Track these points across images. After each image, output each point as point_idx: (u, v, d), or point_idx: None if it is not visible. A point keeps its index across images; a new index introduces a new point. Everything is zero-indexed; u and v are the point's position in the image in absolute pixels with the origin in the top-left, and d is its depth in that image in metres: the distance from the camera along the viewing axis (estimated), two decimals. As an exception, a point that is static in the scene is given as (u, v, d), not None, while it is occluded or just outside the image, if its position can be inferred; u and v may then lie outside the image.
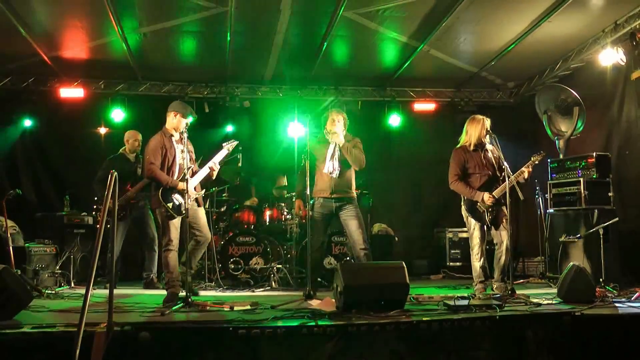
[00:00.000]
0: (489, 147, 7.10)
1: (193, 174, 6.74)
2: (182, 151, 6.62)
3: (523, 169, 6.96)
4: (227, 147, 6.99)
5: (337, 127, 7.10)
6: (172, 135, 6.75)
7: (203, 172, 6.78)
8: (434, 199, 11.86)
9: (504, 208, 7.02)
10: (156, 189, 6.59)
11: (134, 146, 8.94)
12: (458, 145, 7.30)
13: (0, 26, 8.27)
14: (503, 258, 6.97)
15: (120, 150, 9.05)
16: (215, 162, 6.81)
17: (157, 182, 6.61)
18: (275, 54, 9.73)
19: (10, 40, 8.78)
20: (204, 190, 7.11)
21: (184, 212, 6.44)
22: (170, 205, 6.46)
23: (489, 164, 7.10)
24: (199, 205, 6.81)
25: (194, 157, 6.95)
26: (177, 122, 6.74)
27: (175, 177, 6.59)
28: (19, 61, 9.76)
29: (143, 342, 4.51)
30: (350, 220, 6.99)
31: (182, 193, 6.45)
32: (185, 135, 6.49)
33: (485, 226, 7.04)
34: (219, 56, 9.83)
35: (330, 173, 6.98)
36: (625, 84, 8.72)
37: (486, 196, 6.91)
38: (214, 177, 6.95)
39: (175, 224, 6.54)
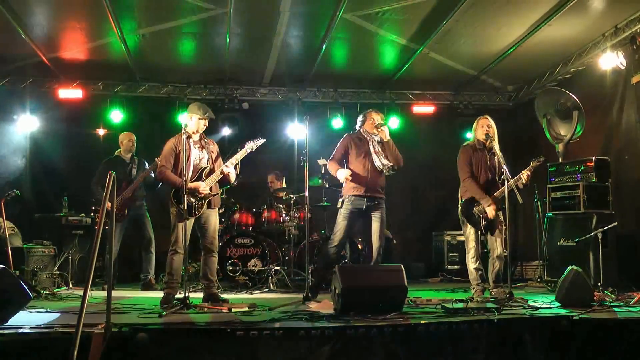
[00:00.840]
0: (497, 151, 7.04)
1: (210, 174, 6.73)
2: (201, 150, 6.75)
3: (522, 173, 6.95)
4: (250, 147, 6.87)
5: (379, 122, 7.19)
6: (189, 137, 6.72)
7: (218, 174, 6.73)
8: (432, 202, 11.90)
9: (500, 214, 7.02)
10: (170, 191, 6.66)
11: (129, 146, 9.07)
12: (465, 143, 7.37)
13: (-1, 27, 8.29)
14: (496, 265, 6.97)
15: (116, 152, 9.13)
16: (227, 165, 6.73)
17: (167, 184, 6.71)
18: (274, 56, 9.74)
19: (9, 41, 8.79)
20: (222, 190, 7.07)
21: (196, 213, 6.56)
22: (182, 206, 6.46)
23: (492, 167, 7.10)
24: (210, 207, 6.76)
25: (214, 156, 6.90)
26: (195, 124, 6.74)
27: (189, 179, 6.56)
28: (17, 62, 9.76)
29: (141, 344, 4.50)
30: (376, 222, 7.05)
31: (194, 194, 6.51)
32: (184, 137, 6.46)
33: (478, 231, 7.04)
34: (217, 58, 9.83)
35: (379, 171, 7.08)
36: (625, 88, 8.71)
37: (490, 209, 6.91)
38: (232, 180, 6.90)
39: (185, 225, 6.52)
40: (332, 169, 7.21)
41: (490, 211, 6.90)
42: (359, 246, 8.91)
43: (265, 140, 7.04)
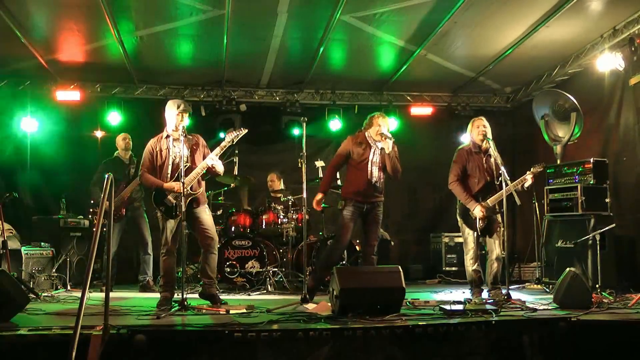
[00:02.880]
0: (492, 152, 7.01)
1: (190, 172, 6.43)
2: (180, 150, 6.41)
3: (525, 176, 6.95)
4: (231, 138, 6.58)
5: (384, 133, 7.00)
6: (168, 136, 6.60)
7: (198, 171, 6.46)
8: (430, 204, 11.91)
9: (498, 216, 7.01)
10: (150, 193, 6.59)
11: (124, 145, 9.11)
12: (461, 147, 7.33)
13: (-2, 29, 8.27)
14: (494, 267, 6.96)
15: (115, 153, 9.12)
16: (212, 158, 6.47)
17: (150, 188, 6.65)
18: (271, 58, 9.73)
19: (7, 43, 8.76)
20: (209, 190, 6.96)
21: (175, 214, 6.38)
22: (162, 208, 6.43)
23: (489, 169, 7.06)
24: (195, 207, 6.54)
25: (197, 152, 6.63)
26: (173, 119, 6.55)
27: (169, 178, 6.46)
28: (15, 64, 9.73)
29: (139, 345, 4.49)
30: (372, 225, 7.04)
31: (175, 195, 6.36)
32: (182, 137, 6.38)
33: (476, 233, 7.03)
34: (215, 59, 9.81)
35: (375, 181, 6.99)
36: (624, 89, 8.72)
37: (477, 209, 6.90)
38: (220, 172, 6.63)
39: (171, 227, 6.47)
40: (326, 175, 7.36)
41: (478, 213, 6.90)
42: (357, 248, 8.91)
43: (247, 130, 6.72)
